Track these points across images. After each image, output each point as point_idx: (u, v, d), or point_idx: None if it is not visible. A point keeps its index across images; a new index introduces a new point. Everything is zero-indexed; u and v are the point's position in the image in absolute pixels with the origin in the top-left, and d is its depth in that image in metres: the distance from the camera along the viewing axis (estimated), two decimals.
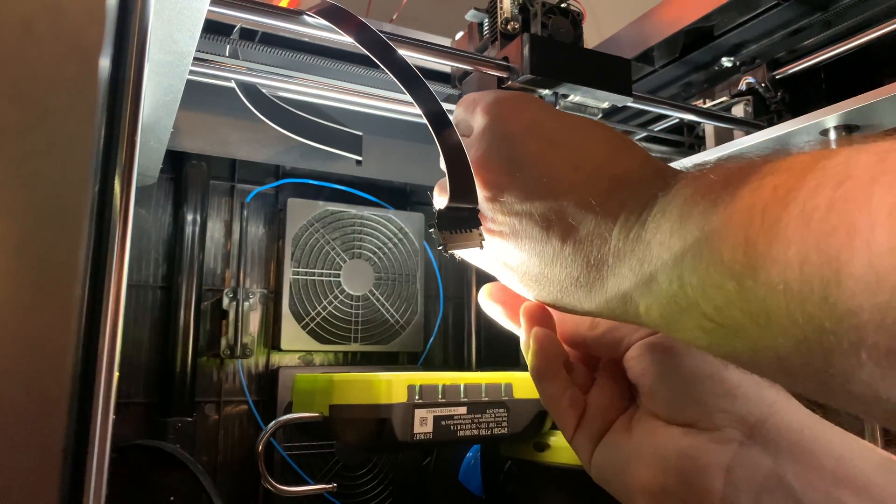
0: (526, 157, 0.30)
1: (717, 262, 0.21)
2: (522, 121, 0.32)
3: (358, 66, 0.82)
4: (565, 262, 0.28)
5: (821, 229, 0.18)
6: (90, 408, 0.29)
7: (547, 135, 0.31)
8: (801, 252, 0.18)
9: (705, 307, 0.22)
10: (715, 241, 0.21)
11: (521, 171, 0.30)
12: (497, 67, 0.65)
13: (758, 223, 0.19)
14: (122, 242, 0.31)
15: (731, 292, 0.20)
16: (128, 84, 0.32)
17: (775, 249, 0.19)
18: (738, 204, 0.21)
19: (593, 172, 0.29)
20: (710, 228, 0.21)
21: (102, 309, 0.30)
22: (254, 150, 1.02)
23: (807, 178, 0.19)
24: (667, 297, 0.23)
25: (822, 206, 0.18)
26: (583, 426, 0.33)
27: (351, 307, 1.11)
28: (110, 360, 0.30)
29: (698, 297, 0.22)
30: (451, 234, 0.32)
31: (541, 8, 0.69)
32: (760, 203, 0.20)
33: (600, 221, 0.27)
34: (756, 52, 0.88)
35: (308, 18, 0.49)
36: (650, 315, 0.25)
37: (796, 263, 0.18)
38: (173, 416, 0.95)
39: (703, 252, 0.21)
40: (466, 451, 1.05)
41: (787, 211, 0.19)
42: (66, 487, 0.28)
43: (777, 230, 0.19)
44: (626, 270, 0.25)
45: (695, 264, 0.22)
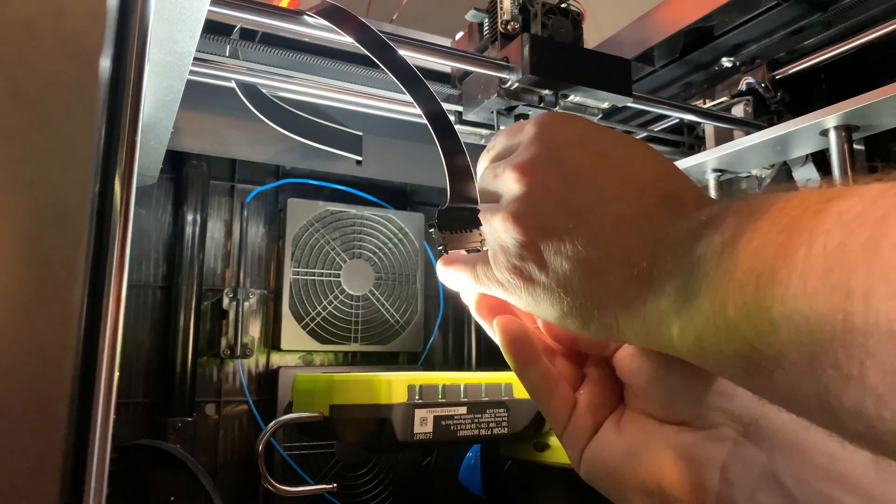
0: (573, 163, 0.30)
1: (767, 281, 0.20)
2: (571, 132, 0.31)
3: (358, 66, 0.82)
4: (607, 277, 0.27)
5: (890, 258, 0.16)
6: (90, 408, 0.29)
7: (596, 147, 0.30)
8: (866, 282, 0.17)
9: (747, 332, 0.20)
10: (768, 259, 0.20)
11: (568, 175, 0.30)
12: (497, 67, 0.65)
13: (819, 246, 0.18)
14: (122, 242, 0.31)
15: (779, 317, 0.19)
16: (128, 84, 0.32)
17: (835, 275, 0.18)
18: (798, 224, 0.20)
19: (644, 186, 0.28)
20: (764, 246, 0.20)
21: (103, 309, 0.30)
22: (254, 150, 1.02)
23: (876, 204, 0.18)
24: (705, 319, 0.22)
25: (892, 233, 0.17)
26: (573, 423, 0.33)
27: (351, 307, 1.11)
28: (110, 360, 0.30)
29: (741, 319, 0.21)
30: (451, 234, 0.32)
31: (541, 8, 0.69)
32: (823, 225, 0.19)
33: (649, 232, 0.26)
34: (756, 52, 0.88)
35: (308, 18, 0.49)
36: (684, 339, 0.24)
37: (859, 293, 0.17)
38: (173, 416, 0.95)
39: (754, 269, 0.20)
40: (466, 451, 1.05)
41: (852, 236, 0.18)
42: (66, 487, 0.28)
43: (842, 255, 0.18)
44: (668, 287, 0.24)
45: (743, 282, 0.21)
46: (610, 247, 0.27)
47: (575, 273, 0.28)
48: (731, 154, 0.79)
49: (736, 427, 0.29)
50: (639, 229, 0.27)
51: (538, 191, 0.30)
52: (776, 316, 0.19)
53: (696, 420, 0.30)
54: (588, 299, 0.28)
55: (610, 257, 0.27)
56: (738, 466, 0.28)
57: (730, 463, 0.28)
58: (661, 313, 0.25)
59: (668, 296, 0.24)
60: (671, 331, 0.24)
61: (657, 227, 0.26)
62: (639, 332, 0.26)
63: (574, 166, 0.30)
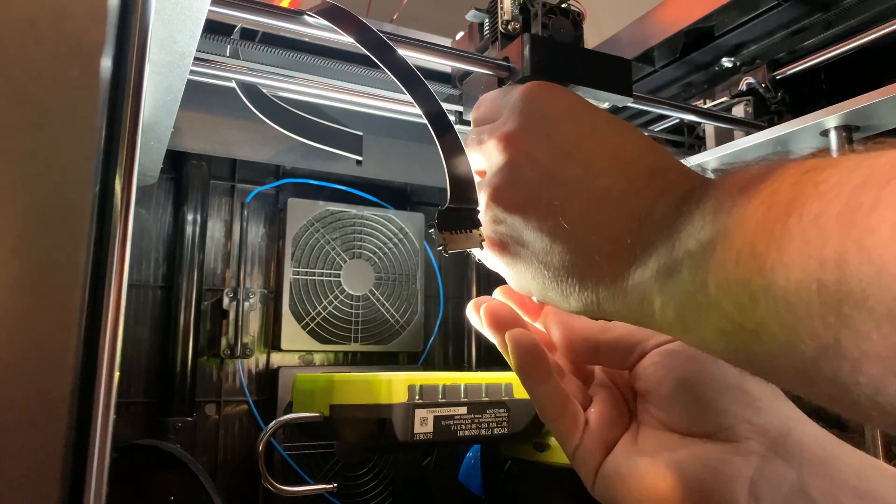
0: (563, 137, 0.29)
1: (747, 255, 0.20)
2: (560, 105, 0.31)
3: (358, 66, 0.82)
4: (590, 251, 0.27)
5: (864, 226, 0.16)
6: (91, 408, 0.29)
7: (585, 121, 0.30)
8: (840, 250, 0.17)
9: (727, 306, 0.20)
10: (748, 233, 0.20)
11: (557, 148, 0.29)
12: (497, 68, 0.65)
13: (796, 217, 0.18)
14: (122, 242, 0.31)
15: (759, 289, 0.19)
16: (129, 84, 0.32)
17: (812, 245, 0.18)
18: (776, 197, 0.20)
19: (631, 161, 0.28)
20: (744, 220, 0.20)
21: (103, 309, 0.30)
22: (254, 150, 1.02)
23: (852, 175, 0.18)
24: (687, 294, 0.22)
25: (868, 203, 0.17)
26: (584, 442, 0.32)
27: (351, 307, 1.11)
28: (111, 359, 0.30)
29: (721, 294, 0.21)
30: (451, 234, 0.32)
31: (541, 8, 0.69)
32: (801, 198, 0.19)
33: (634, 207, 0.26)
34: (756, 52, 0.88)
35: (308, 18, 0.49)
36: (665, 314, 0.24)
37: (833, 261, 0.17)
38: (173, 415, 0.95)
39: (734, 244, 0.20)
40: (466, 451, 1.05)
41: (828, 207, 0.18)
42: (66, 487, 0.28)
43: (817, 225, 0.18)
44: (651, 262, 0.24)
45: (723, 257, 0.21)
46: (595, 222, 0.27)
47: (556, 247, 0.28)
48: (732, 154, 0.79)
49: (763, 441, 0.28)
50: (625, 205, 0.26)
51: (523, 162, 0.30)
52: (755, 289, 0.19)
53: (722, 433, 0.29)
54: (569, 274, 0.28)
55: (594, 232, 0.27)
56: (767, 482, 0.27)
57: (758, 478, 0.27)
58: (644, 289, 0.25)
59: (650, 271, 0.24)
60: (653, 306, 0.24)
61: (642, 203, 0.26)
62: (619, 308, 0.26)
63: (562, 139, 0.29)
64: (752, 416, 0.29)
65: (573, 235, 0.28)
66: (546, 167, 0.29)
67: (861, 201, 0.17)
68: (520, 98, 0.31)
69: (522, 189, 0.29)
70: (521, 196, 0.29)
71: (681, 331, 0.24)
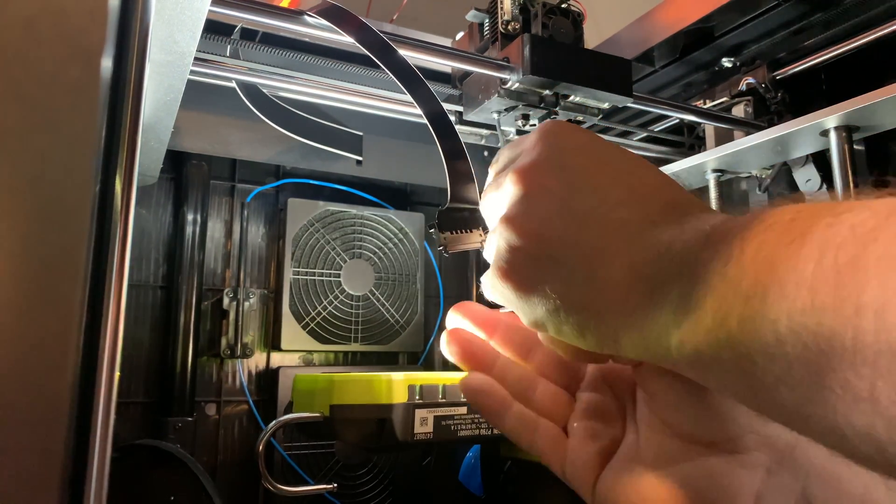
0: (578, 168, 0.29)
1: (776, 295, 0.19)
2: (575, 139, 0.31)
3: (358, 66, 0.82)
4: (608, 283, 0.26)
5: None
6: (91, 407, 0.29)
7: (600, 155, 0.30)
8: (881, 299, 0.16)
9: (751, 346, 0.19)
10: (778, 272, 0.19)
11: (571, 179, 0.29)
12: (497, 68, 0.65)
13: (830, 259, 0.18)
14: (122, 242, 0.31)
15: (786, 332, 0.18)
16: (129, 84, 0.32)
17: (848, 290, 0.17)
18: (808, 238, 0.19)
19: (647, 194, 0.27)
20: (774, 259, 0.19)
21: (103, 309, 0.30)
22: (254, 150, 1.02)
23: (890, 220, 0.17)
24: (707, 331, 0.21)
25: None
26: (572, 458, 0.31)
27: (351, 307, 1.11)
28: (111, 360, 0.30)
29: (745, 334, 0.20)
30: (451, 234, 0.32)
31: (541, 8, 0.69)
32: (835, 239, 0.18)
33: (652, 239, 0.25)
34: (756, 52, 0.88)
35: (308, 18, 0.49)
36: (683, 352, 0.23)
37: (872, 310, 0.16)
38: (173, 415, 0.95)
39: (762, 282, 0.19)
40: (466, 451, 1.05)
41: (866, 251, 0.17)
42: (66, 487, 0.28)
43: (854, 269, 0.17)
44: (671, 297, 0.24)
45: (749, 294, 0.20)
46: (612, 254, 0.26)
47: (573, 281, 0.27)
48: (732, 154, 0.79)
49: (770, 453, 0.28)
50: (642, 237, 0.26)
51: (538, 194, 0.29)
52: (782, 330, 0.18)
53: (728, 442, 0.28)
54: (586, 308, 0.27)
55: (611, 265, 0.26)
56: (773, 496, 0.27)
57: (764, 492, 0.27)
58: (661, 324, 0.24)
59: (669, 305, 0.24)
60: (669, 342, 0.24)
61: (661, 236, 0.25)
62: (637, 345, 0.25)
63: (577, 171, 0.29)
64: (759, 427, 0.28)
65: (590, 266, 0.27)
66: (561, 198, 0.28)
67: None
68: (535, 135, 0.31)
69: (538, 220, 0.29)
70: (538, 226, 0.29)
71: (699, 370, 0.23)
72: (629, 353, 0.26)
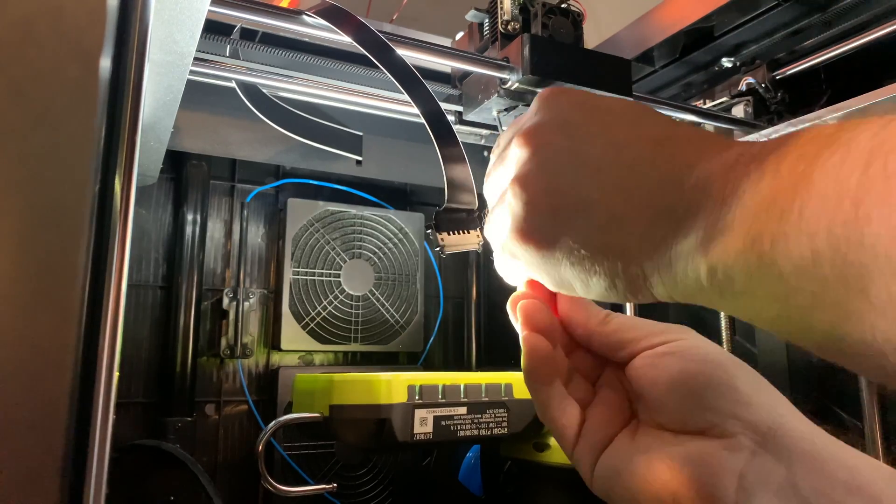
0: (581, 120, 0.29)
1: (815, 209, 0.18)
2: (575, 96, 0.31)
3: (358, 66, 0.82)
4: (630, 222, 0.26)
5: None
6: (90, 408, 0.29)
7: (604, 106, 0.30)
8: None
9: (784, 265, 0.19)
10: (817, 184, 0.18)
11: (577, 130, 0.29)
12: (497, 67, 0.65)
13: (878, 167, 0.17)
14: (122, 242, 0.31)
15: (824, 247, 0.17)
16: (128, 84, 0.32)
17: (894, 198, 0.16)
18: (853, 147, 0.18)
19: (657, 133, 0.27)
20: (812, 173, 0.18)
21: (103, 309, 0.30)
22: (254, 150, 1.02)
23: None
24: (738, 253, 0.21)
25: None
26: (583, 439, 0.33)
27: (351, 307, 1.11)
28: (110, 360, 0.30)
29: (779, 252, 0.19)
30: (449, 235, 0.32)
31: (541, 8, 0.69)
32: (883, 147, 0.17)
33: (671, 174, 0.25)
34: (756, 52, 0.88)
35: (308, 18, 0.49)
36: (713, 279, 0.22)
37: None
38: (173, 415, 0.95)
39: (799, 196, 0.18)
40: (466, 451, 1.05)
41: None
42: (66, 487, 0.28)
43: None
44: (698, 224, 0.23)
45: (785, 210, 0.19)
46: (629, 191, 0.26)
47: (594, 226, 0.27)
48: None
49: (753, 437, 0.29)
50: (659, 169, 0.25)
51: (545, 150, 0.29)
52: (821, 246, 0.17)
53: (713, 429, 0.29)
54: (611, 252, 0.26)
55: (630, 201, 0.26)
56: (756, 476, 0.27)
57: (747, 472, 0.28)
58: (689, 255, 0.23)
59: (696, 233, 0.23)
60: (699, 272, 0.23)
61: (680, 165, 0.25)
62: (666, 281, 0.25)
63: (580, 124, 0.29)
64: (741, 413, 0.29)
65: (609, 208, 0.26)
66: (570, 150, 0.28)
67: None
68: (534, 103, 0.31)
69: (550, 174, 0.29)
70: (551, 180, 0.29)
71: (731, 299, 0.22)
72: (660, 292, 0.26)
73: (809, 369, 0.86)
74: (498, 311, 1.20)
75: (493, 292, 1.21)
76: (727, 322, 0.92)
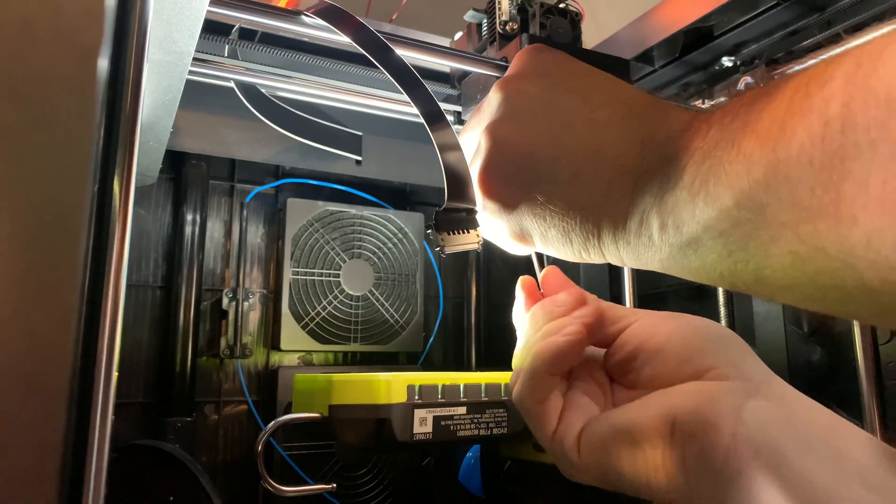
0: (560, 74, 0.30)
1: (751, 141, 0.19)
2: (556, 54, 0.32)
3: (358, 66, 0.82)
4: (592, 179, 0.27)
5: (870, 69, 0.16)
6: (90, 408, 0.29)
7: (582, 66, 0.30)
8: (845, 99, 0.16)
9: (725, 197, 0.20)
10: (751, 123, 0.20)
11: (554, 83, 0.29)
12: (496, 67, 0.65)
13: (801, 94, 0.18)
14: (121, 242, 0.31)
15: (759, 168, 0.19)
16: (127, 84, 0.32)
17: (817, 110, 0.17)
18: (782, 89, 0.20)
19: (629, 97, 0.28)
20: (746, 115, 0.20)
21: (102, 309, 0.30)
22: (253, 150, 1.02)
23: (864, 47, 0.17)
24: (686, 202, 0.22)
25: (868, 62, 0.16)
26: (565, 421, 0.32)
27: (351, 307, 1.11)
28: (109, 360, 0.30)
29: (722, 187, 0.20)
30: (448, 234, 0.32)
31: (539, 8, 0.69)
32: (807, 84, 0.18)
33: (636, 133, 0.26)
34: (756, 52, 0.88)
35: (306, 18, 0.49)
36: (664, 232, 0.23)
37: (838, 116, 0.17)
38: (173, 416, 0.95)
39: (736, 137, 0.20)
40: (466, 451, 1.05)
41: (838, 70, 0.17)
42: (65, 487, 0.28)
43: (827, 91, 0.17)
44: (652, 183, 0.24)
45: (725, 149, 0.20)
46: (596, 147, 0.27)
47: (558, 179, 0.27)
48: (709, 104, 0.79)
49: (747, 385, 0.29)
50: (627, 131, 0.26)
51: (520, 97, 0.30)
52: (755, 168, 0.19)
53: (709, 373, 0.30)
54: (571, 206, 0.27)
55: (595, 158, 0.27)
56: (753, 410, 0.28)
57: (744, 407, 0.28)
58: (644, 209, 0.24)
59: (651, 189, 0.24)
60: (651, 226, 0.24)
61: (644, 129, 0.26)
62: (619, 238, 0.26)
63: (558, 77, 0.30)
64: (737, 362, 0.30)
65: (575, 164, 0.27)
66: (544, 100, 0.29)
67: (864, 60, 0.17)
68: (517, 56, 0.32)
69: (522, 121, 0.29)
70: (522, 128, 0.29)
71: (678, 248, 0.23)
72: (611, 252, 0.27)
73: (809, 369, 0.86)
74: (498, 312, 1.20)
75: (493, 292, 1.21)
76: (727, 322, 0.92)
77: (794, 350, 0.89)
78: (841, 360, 0.83)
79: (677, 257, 0.24)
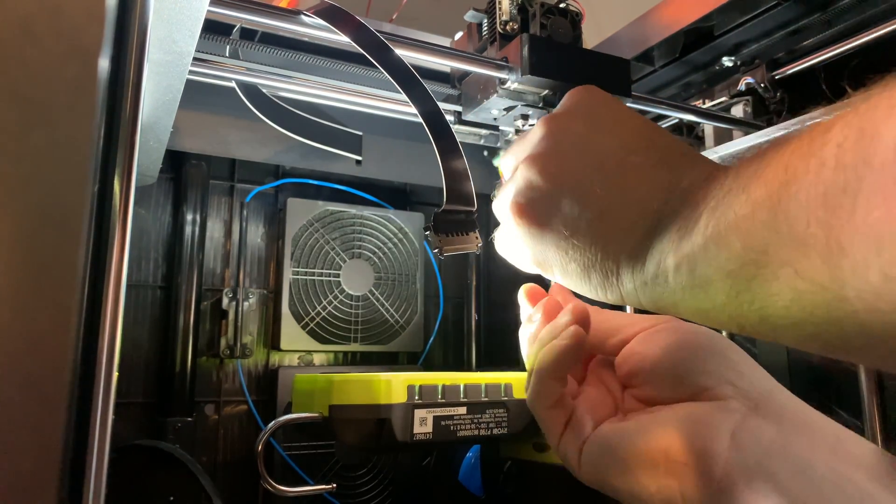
0: (603, 117, 0.31)
1: (761, 197, 0.20)
2: (603, 97, 0.33)
3: (358, 65, 0.82)
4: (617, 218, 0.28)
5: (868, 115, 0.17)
6: (90, 408, 0.29)
7: (625, 112, 0.32)
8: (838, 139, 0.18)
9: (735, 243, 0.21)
10: (763, 177, 0.21)
11: (596, 124, 0.31)
12: (496, 67, 0.65)
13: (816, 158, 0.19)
14: (121, 242, 0.31)
15: (764, 222, 0.20)
16: (127, 84, 0.32)
17: (827, 169, 0.18)
18: (781, 147, 0.21)
19: (664, 146, 0.29)
20: (765, 168, 0.21)
21: (102, 309, 0.30)
22: (254, 149, 1.02)
23: (860, 112, 0.18)
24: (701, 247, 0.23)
25: (869, 128, 0.17)
26: (571, 428, 0.33)
27: (351, 307, 1.11)
28: (110, 360, 0.30)
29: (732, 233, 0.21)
30: (447, 236, 0.32)
31: (539, 8, 0.69)
32: (798, 149, 0.19)
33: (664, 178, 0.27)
34: (756, 52, 0.88)
35: (306, 18, 0.49)
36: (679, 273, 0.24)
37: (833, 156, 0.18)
38: (173, 416, 0.95)
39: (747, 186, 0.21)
40: (466, 451, 1.05)
41: (846, 139, 0.18)
42: (65, 487, 0.28)
43: (832, 156, 0.18)
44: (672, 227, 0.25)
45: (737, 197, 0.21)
46: (625, 189, 0.28)
47: (585, 215, 0.29)
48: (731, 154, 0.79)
49: (745, 402, 0.30)
50: (656, 176, 0.28)
51: (562, 133, 0.31)
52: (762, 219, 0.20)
53: (706, 392, 0.30)
54: (594, 242, 0.29)
55: (623, 199, 0.28)
56: (749, 434, 0.28)
57: (740, 430, 0.28)
58: (662, 251, 0.25)
59: (670, 233, 0.25)
60: (668, 268, 0.25)
61: (672, 175, 0.27)
62: (636, 277, 0.27)
63: (601, 120, 0.31)
64: (734, 379, 0.30)
65: (603, 203, 0.29)
66: (584, 137, 0.31)
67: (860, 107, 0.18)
68: (569, 93, 0.34)
69: (560, 156, 0.31)
70: (559, 163, 0.31)
71: (689, 290, 0.24)
72: (628, 291, 0.28)
73: (809, 369, 0.86)
74: (498, 312, 1.20)
75: (494, 293, 1.21)
76: None
77: (794, 350, 0.89)
78: (841, 361, 0.83)
79: (690, 300, 0.25)
